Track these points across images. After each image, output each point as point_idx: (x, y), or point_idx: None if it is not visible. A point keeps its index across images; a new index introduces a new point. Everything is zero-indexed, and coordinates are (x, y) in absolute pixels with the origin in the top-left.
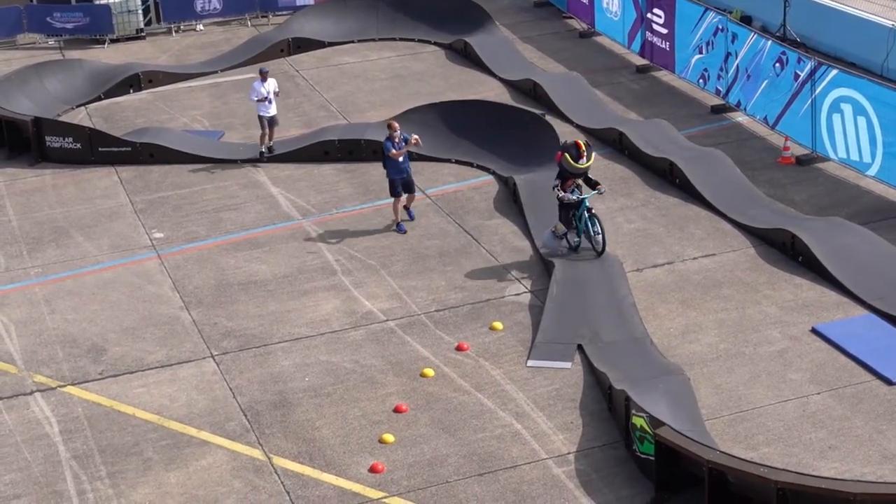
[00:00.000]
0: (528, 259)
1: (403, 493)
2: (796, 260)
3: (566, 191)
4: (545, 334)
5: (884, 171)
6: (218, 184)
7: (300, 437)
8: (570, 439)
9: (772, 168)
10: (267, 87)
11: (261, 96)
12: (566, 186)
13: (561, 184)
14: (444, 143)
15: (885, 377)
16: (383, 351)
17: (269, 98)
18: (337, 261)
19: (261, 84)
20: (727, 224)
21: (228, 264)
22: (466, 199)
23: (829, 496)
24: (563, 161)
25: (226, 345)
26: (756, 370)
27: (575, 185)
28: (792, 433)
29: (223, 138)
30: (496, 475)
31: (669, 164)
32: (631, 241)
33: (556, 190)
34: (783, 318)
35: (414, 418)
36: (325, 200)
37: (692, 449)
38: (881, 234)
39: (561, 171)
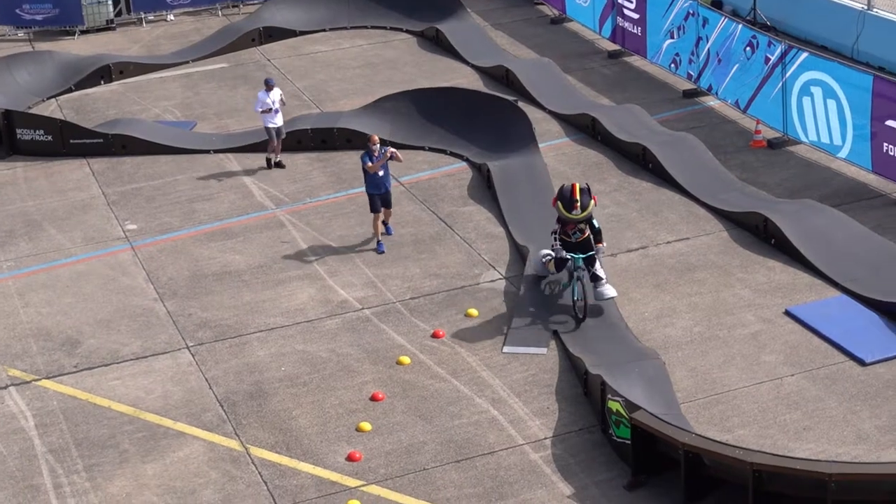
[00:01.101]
0: (502, 245)
1: (381, 481)
2: (769, 243)
3: (567, 236)
4: (520, 320)
5: (854, 154)
6: (191, 174)
7: (277, 427)
8: (546, 424)
9: (744, 151)
10: (272, 97)
11: (266, 107)
12: (568, 229)
13: (561, 227)
14: (417, 130)
15: (859, 358)
16: (359, 339)
17: (275, 108)
18: (311, 249)
19: (266, 94)
20: (700, 208)
21: (202, 255)
22: (440, 186)
23: (804, 477)
24: (557, 208)
25: (201, 336)
26: (730, 353)
27: (577, 229)
28: (766, 415)
29: (195, 129)
30: (473, 461)
31: (642, 148)
32: (604, 227)
33: (553, 239)
34: (757, 301)
35: (391, 406)
36: (299, 190)
37: (668, 432)
38: (853, 216)
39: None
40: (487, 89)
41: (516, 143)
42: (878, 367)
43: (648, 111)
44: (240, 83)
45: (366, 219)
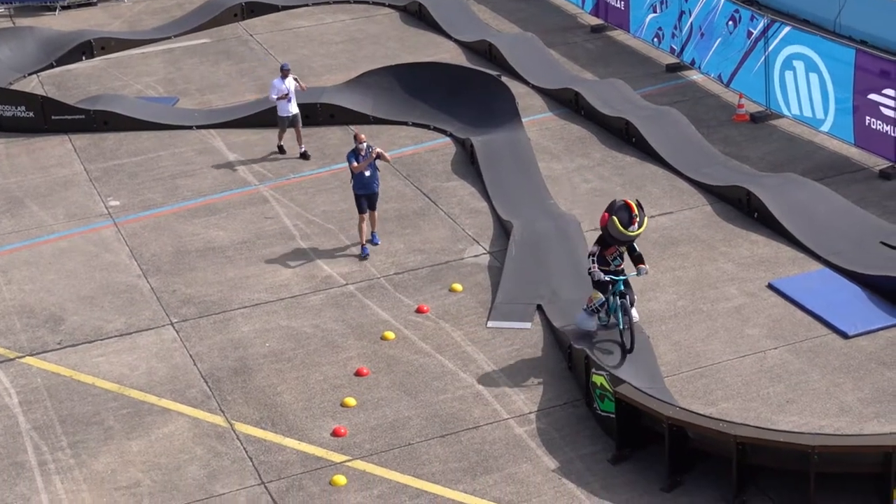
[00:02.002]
0: (486, 220)
1: (366, 457)
2: (752, 216)
3: (606, 263)
4: (505, 295)
5: (836, 127)
6: (173, 150)
7: (262, 403)
8: (531, 399)
9: (727, 125)
10: (287, 85)
11: (281, 94)
12: (607, 254)
13: (599, 251)
14: (400, 105)
15: (841, 331)
16: (343, 315)
17: (290, 96)
18: (295, 225)
19: (281, 81)
20: (683, 182)
21: (186, 231)
22: (424, 161)
23: (787, 449)
24: (609, 226)
25: (185, 312)
26: (714, 326)
27: (617, 254)
28: (750, 388)
29: (178, 104)
30: (458, 436)
31: (625, 123)
32: (588, 201)
33: (591, 263)
34: (740, 275)
35: (375, 381)
36: (282, 165)
37: (652, 406)
38: (835, 190)
39: (602, 236)
40: (470, 64)
41: (500, 117)
42: (861, 339)
43: (631, 85)
44: (222, 59)
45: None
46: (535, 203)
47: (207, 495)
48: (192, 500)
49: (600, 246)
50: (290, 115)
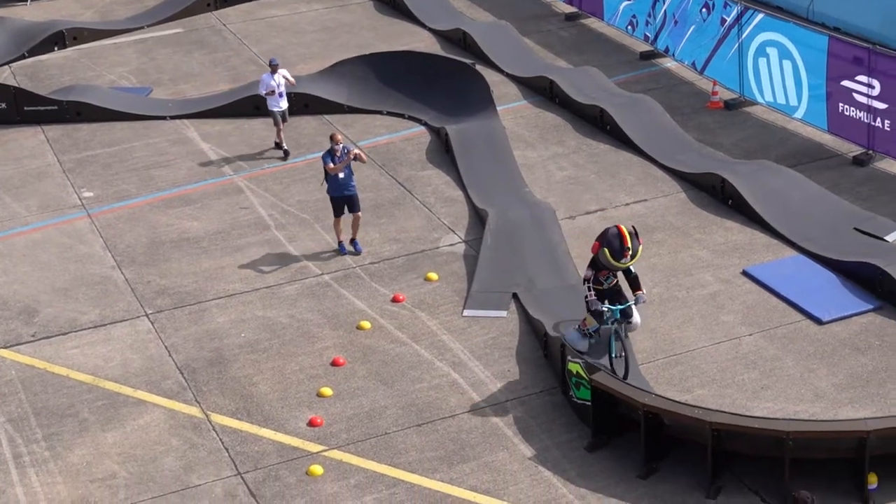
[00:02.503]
0: (461, 209)
1: (343, 446)
2: (726, 203)
3: (599, 283)
4: (480, 284)
5: (810, 114)
6: (147, 141)
7: (237, 394)
8: (507, 387)
9: (701, 113)
10: (277, 80)
11: (270, 89)
12: (600, 275)
13: (594, 275)
14: (374, 94)
15: (816, 317)
16: (319, 305)
17: (280, 91)
18: (270, 215)
19: (270, 76)
20: (658, 169)
21: (160, 222)
22: (398, 150)
23: (763, 435)
24: (600, 255)
25: (160, 303)
26: (689, 313)
27: (610, 273)
28: (725, 374)
29: (151, 95)
30: (435, 425)
31: (600, 110)
32: (563, 189)
33: (587, 289)
34: (714, 262)
35: (351, 371)
36: (257, 155)
37: (628, 393)
38: (809, 176)
39: (595, 261)
40: (445, 53)
41: (474, 106)
42: (835, 325)
43: (606, 73)
44: (195, 48)
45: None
46: (510, 191)
47: (183, 486)
48: (168, 491)
49: (594, 269)
50: (280, 110)
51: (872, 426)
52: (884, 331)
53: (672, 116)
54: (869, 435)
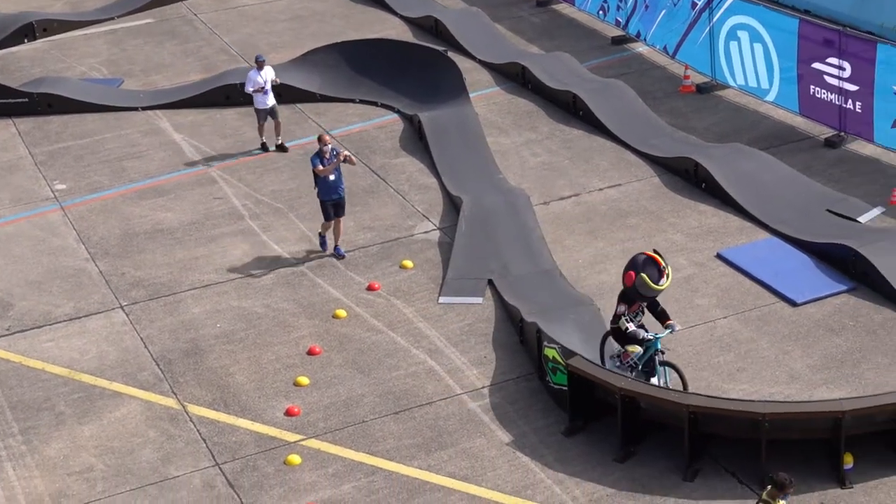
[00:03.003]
0: (435, 196)
1: (320, 435)
2: (699, 187)
3: (631, 320)
4: (455, 270)
5: (781, 97)
6: (119, 132)
7: (214, 384)
8: (483, 373)
9: (673, 97)
10: (264, 76)
11: (257, 86)
12: (629, 311)
13: (628, 307)
14: (346, 83)
15: (790, 299)
16: (294, 294)
17: (266, 88)
18: (244, 205)
19: (257, 73)
20: (631, 154)
21: (133, 213)
22: (372, 138)
23: (738, 417)
24: (638, 284)
25: (134, 295)
26: (663, 297)
27: (640, 310)
28: (700, 357)
29: (123, 85)
30: (412, 412)
31: (572, 96)
32: (537, 175)
33: (625, 321)
34: (688, 245)
35: (328, 360)
36: (230, 145)
37: (604, 377)
38: (781, 159)
39: (627, 294)
40: (417, 40)
41: (447, 93)
42: (809, 307)
43: (578, 59)
44: (166, 39)
45: (299, 172)
46: (484, 178)
47: (161, 478)
48: (146, 483)
49: (627, 304)
50: (266, 108)
51: (847, 406)
52: (857, 311)
53: (644, 101)
54: (844, 415)
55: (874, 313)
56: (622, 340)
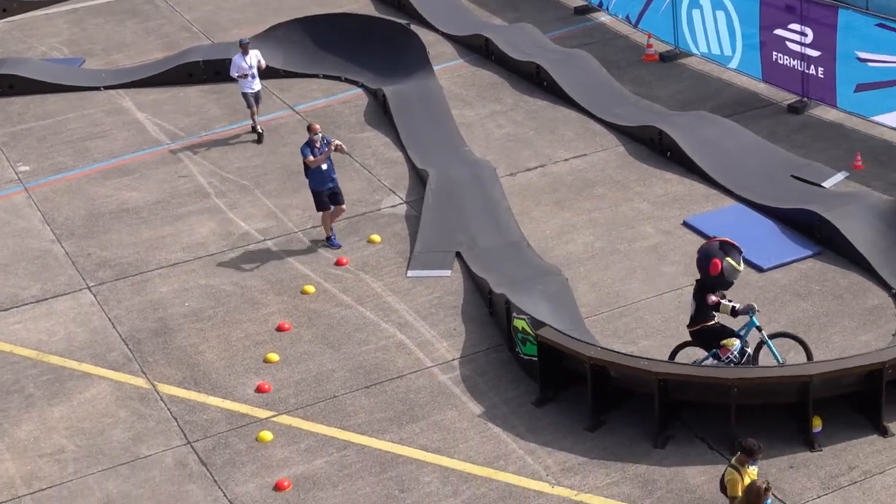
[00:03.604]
0: (401, 170)
1: (292, 411)
2: (665, 155)
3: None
4: (423, 244)
5: (744, 64)
6: (82, 112)
7: (184, 363)
8: (453, 346)
9: (636, 66)
10: (249, 61)
11: (243, 72)
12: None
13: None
14: (310, 58)
15: (756, 265)
16: (262, 271)
17: (252, 73)
18: (210, 183)
19: (241, 58)
20: (596, 124)
21: (98, 193)
22: (336, 113)
23: (708, 383)
24: (725, 270)
25: (101, 275)
26: (631, 266)
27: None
28: (669, 325)
29: (84, 65)
30: (383, 386)
31: (536, 67)
32: (502, 146)
33: (728, 302)
34: (655, 214)
35: (297, 336)
36: (194, 123)
37: (573, 347)
38: (745, 126)
39: (709, 285)
40: (379, 14)
41: (411, 66)
42: (775, 272)
43: (541, 29)
44: (127, 17)
45: (263, 150)
46: (449, 151)
47: (133, 458)
48: (117, 463)
49: (711, 293)
50: (253, 92)
51: (815, 370)
52: (823, 276)
53: (608, 70)
54: (812, 379)
55: (840, 277)
56: (712, 339)
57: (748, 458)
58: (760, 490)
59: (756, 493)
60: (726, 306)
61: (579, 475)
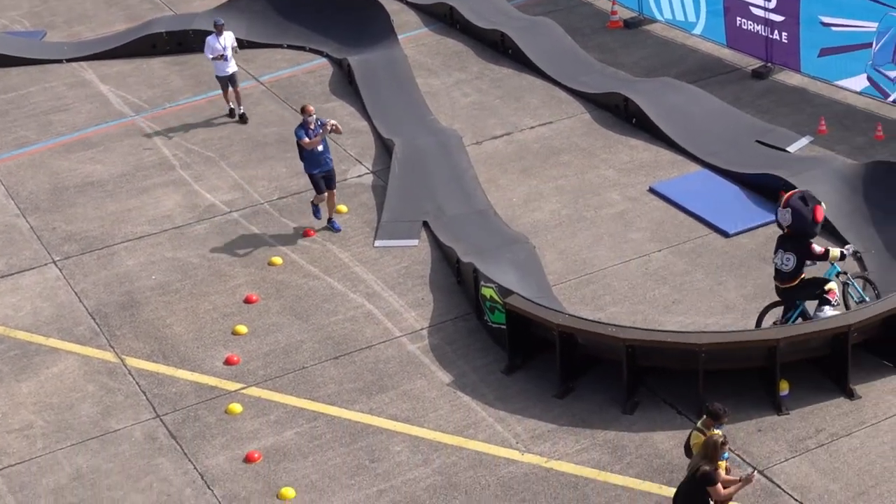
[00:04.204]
0: (367, 140)
1: (261, 383)
2: (630, 122)
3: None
4: (390, 213)
5: (708, 30)
6: (44, 85)
7: (152, 336)
8: (422, 315)
9: (601, 33)
10: (223, 42)
11: (217, 53)
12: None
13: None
14: (274, 28)
15: (722, 230)
16: (229, 243)
17: (226, 55)
18: (175, 155)
19: (215, 39)
20: (561, 91)
21: (62, 167)
22: (301, 83)
23: (676, 349)
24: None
25: (67, 249)
26: (598, 233)
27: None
28: (637, 291)
29: (46, 38)
30: (352, 357)
31: (501, 35)
32: (468, 115)
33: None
34: (621, 180)
35: (265, 307)
36: (157, 95)
37: (541, 314)
38: (710, 91)
39: (811, 232)
40: None
41: (375, 36)
42: (741, 237)
43: None
44: None
45: (229, 121)
46: (415, 120)
47: (102, 432)
48: (87, 437)
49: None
50: (226, 75)
51: (782, 334)
52: None
53: (573, 38)
54: (779, 343)
55: None
56: (812, 289)
57: (714, 421)
58: (717, 443)
59: (713, 446)
60: (833, 252)
61: (549, 442)
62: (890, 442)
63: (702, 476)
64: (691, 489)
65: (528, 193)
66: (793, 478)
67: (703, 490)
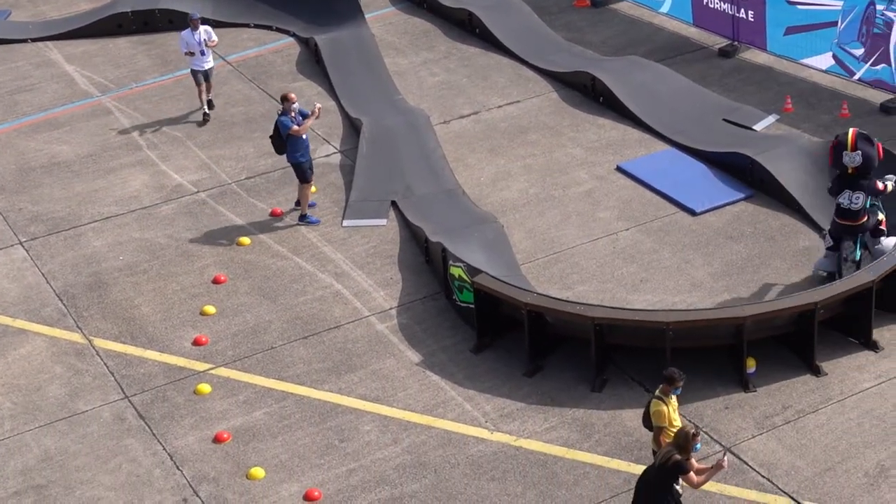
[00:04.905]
0: (335, 119)
1: (229, 363)
2: (597, 101)
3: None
4: (358, 193)
5: (675, 8)
6: (10, 65)
7: (119, 317)
8: (390, 294)
9: (568, 11)
10: (199, 37)
11: (191, 48)
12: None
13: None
14: (240, 7)
15: (689, 208)
16: (197, 223)
17: (202, 49)
18: (141, 135)
19: (191, 34)
20: (529, 70)
21: (28, 147)
22: (268, 63)
23: (644, 327)
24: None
25: (33, 230)
26: (566, 211)
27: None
28: (605, 270)
29: (10, 17)
30: (321, 336)
31: (468, 14)
32: (436, 94)
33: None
34: (589, 159)
35: (234, 288)
36: (124, 75)
37: (510, 293)
38: (676, 70)
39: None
40: None
41: (342, 15)
42: (708, 216)
43: None
44: None
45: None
46: (383, 99)
47: (70, 413)
48: (55, 419)
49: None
50: (202, 70)
51: (749, 312)
52: (756, 218)
53: (540, 16)
54: (746, 321)
55: (772, 219)
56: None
57: (670, 386)
58: (689, 434)
59: (685, 438)
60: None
61: (518, 421)
62: (856, 418)
63: (674, 465)
64: (661, 477)
65: (496, 173)
66: (760, 454)
67: (672, 478)
